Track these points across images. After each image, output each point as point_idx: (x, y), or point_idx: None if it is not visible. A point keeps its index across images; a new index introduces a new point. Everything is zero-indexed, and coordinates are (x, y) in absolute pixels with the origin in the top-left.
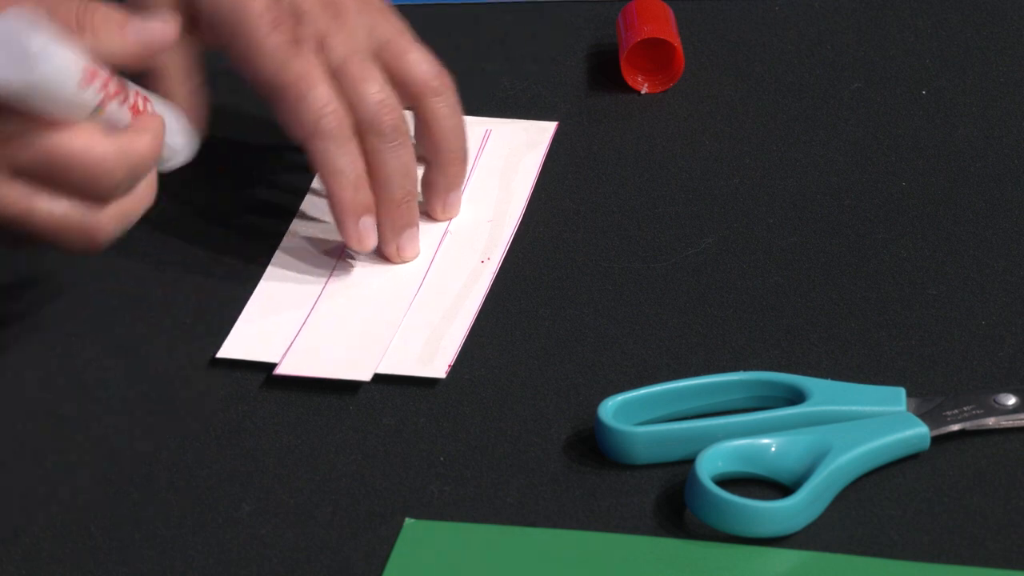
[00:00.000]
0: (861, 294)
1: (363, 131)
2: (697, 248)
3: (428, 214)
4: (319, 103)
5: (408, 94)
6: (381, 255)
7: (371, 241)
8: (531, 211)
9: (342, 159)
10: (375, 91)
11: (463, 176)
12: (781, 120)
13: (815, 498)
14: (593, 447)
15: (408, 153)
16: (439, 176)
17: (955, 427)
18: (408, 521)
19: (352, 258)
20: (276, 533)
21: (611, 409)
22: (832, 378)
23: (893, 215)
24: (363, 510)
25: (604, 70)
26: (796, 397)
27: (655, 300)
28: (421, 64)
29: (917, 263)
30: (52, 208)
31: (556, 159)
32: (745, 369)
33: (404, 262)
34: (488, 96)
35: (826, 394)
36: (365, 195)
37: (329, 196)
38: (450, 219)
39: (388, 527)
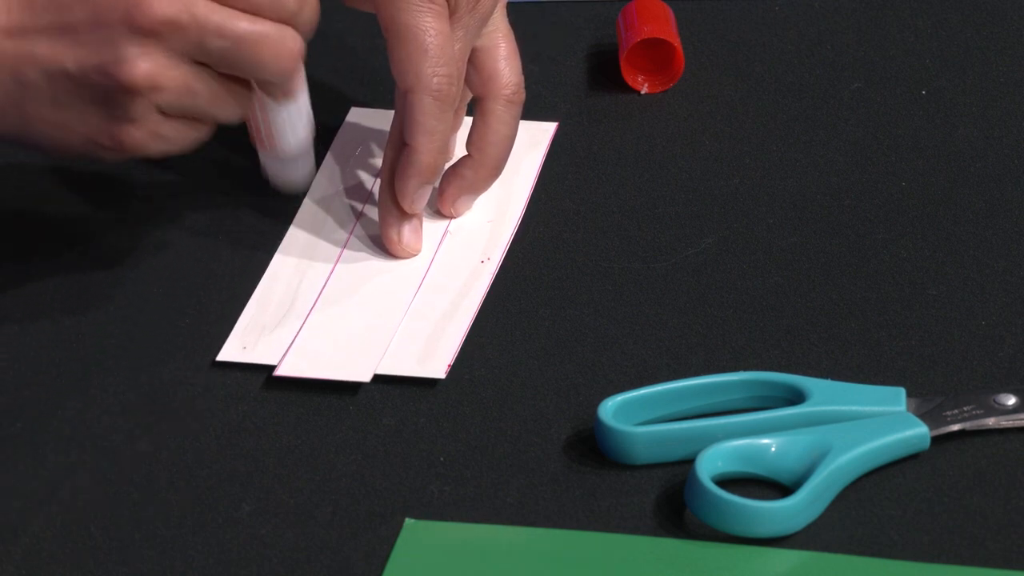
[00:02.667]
0: (861, 294)
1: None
2: (697, 248)
3: (437, 205)
4: (443, 62)
5: (484, 87)
6: (377, 252)
7: (421, 206)
8: (531, 211)
9: (442, 121)
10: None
11: (488, 185)
12: (781, 120)
13: (815, 498)
14: (593, 447)
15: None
16: (469, 172)
17: (955, 427)
18: (408, 521)
19: (352, 258)
20: (276, 533)
21: (611, 409)
22: (832, 378)
23: (893, 215)
24: (363, 510)
25: (604, 70)
26: (796, 397)
27: (655, 300)
28: (515, 69)
29: (917, 263)
30: (252, 24)
31: (556, 159)
32: (745, 369)
33: (405, 255)
34: None
35: (826, 394)
36: (443, 161)
37: (410, 151)
38: (452, 219)
39: (388, 527)
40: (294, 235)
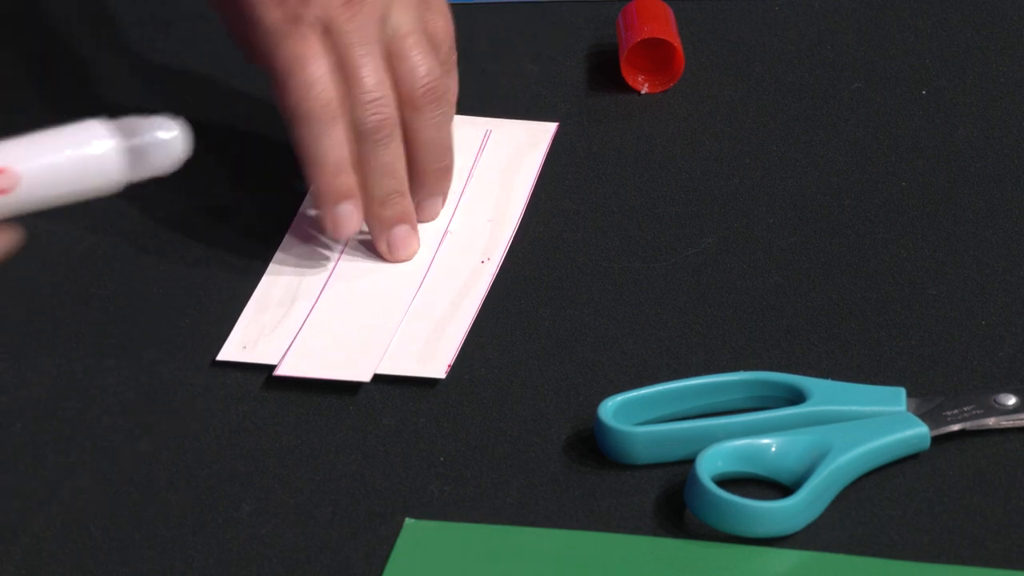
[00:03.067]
0: (861, 294)
1: (354, 125)
2: (697, 248)
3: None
4: (305, 84)
5: (398, 98)
6: (377, 254)
7: (347, 229)
8: (531, 211)
9: (322, 144)
10: (369, 87)
11: (442, 186)
12: (781, 120)
13: (815, 498)
14: (593, 447)
15: (393, 151)
16: (415, 183)
17: (955, 427)
18: (408, 521)
19: (351, 258)
20: (276, 533)
21: (611, 409)
22: (832, 378)
23: (893, 215)
24: (363, 510)
25: (604, 70)
26: (796, 397)
27: (655, 300)
28: (416, 70)
29: (917, 263)
30: None
31: (556, 159)
32: (745, 369)
33: (398, 261)
34: (488, 96)
35: (826, 394)
36: (344, 181)
37: (308, 181)
38: (430, 221)
39: (388, 527)
40: (294, 235)
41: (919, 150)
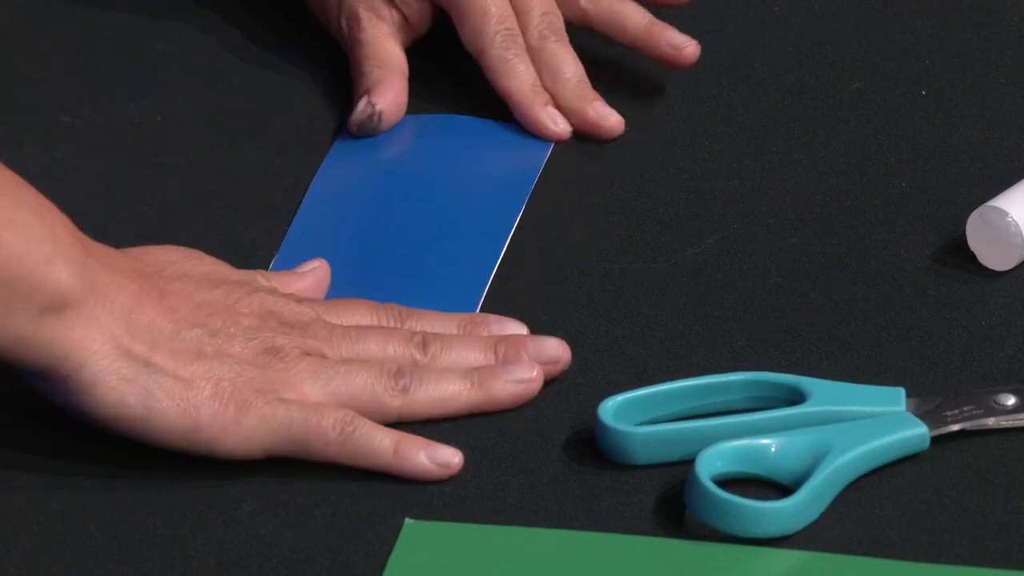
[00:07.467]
0: (861, 294)
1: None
2: (697, 248)
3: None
4: (497, 18)
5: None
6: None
7: (564, 125)
8: (531, 211)
9: (520, 64)
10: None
11: None
12: (781, 120)
13: (815, 498)
14: (593, 447)
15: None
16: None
17: (955, 427)
18: (408, 521)
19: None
20: (276, 533)
21: (611, 409)
22: (832, 378)
23: (893, 215)
24: (363, 510)
25: (605, 70)
26: (796, 397)
27: (655, 300)
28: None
29: (917, 263)
30: None
31: (556, 159)
32: (745, 369)
33: (611, 130)
34: (488, 96)
35: (826, 394)
36: (542, 93)
37: (510, 97)
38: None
39: (388, 527)
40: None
41: (919, 150)
